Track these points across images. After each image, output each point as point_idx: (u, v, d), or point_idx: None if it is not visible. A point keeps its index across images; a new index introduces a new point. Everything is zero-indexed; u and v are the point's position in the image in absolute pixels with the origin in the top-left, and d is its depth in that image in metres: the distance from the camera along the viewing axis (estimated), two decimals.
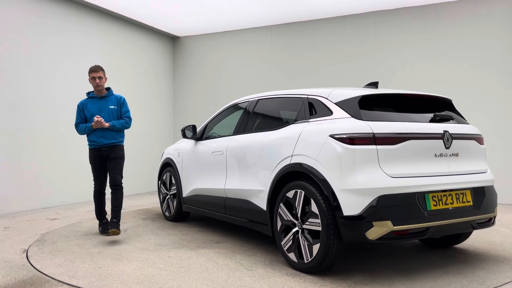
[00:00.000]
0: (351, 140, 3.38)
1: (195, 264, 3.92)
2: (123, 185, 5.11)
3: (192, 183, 5.53)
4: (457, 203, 3.59)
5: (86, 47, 8.16)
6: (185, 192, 5.69)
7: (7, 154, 6.78)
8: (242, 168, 4.55)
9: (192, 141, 5.70)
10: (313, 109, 3.93)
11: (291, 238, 3.76)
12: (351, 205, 3.30)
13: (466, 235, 4.38)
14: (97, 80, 4.99)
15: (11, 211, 6.80)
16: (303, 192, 3.63)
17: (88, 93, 5.16)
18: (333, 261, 3.49)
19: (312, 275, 3.56)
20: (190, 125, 5.65)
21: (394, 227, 3.25)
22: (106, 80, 5.09)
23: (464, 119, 4.19)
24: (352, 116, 3.55)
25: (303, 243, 3.63)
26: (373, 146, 3.35)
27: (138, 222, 6.00)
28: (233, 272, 3.66)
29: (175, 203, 5.97)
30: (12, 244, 4.70)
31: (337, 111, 3.68)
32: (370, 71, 8.64)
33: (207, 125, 5.60)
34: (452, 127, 3.73)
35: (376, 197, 3.26)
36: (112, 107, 5.10)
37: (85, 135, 5.15)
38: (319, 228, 3.46)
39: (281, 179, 3.92)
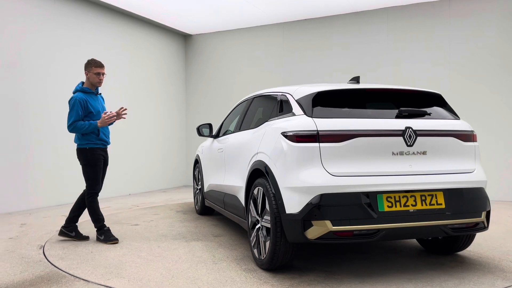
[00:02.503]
0: (296, 137, 3.34)
1: (173, 255, 4.16)
2: None
3: (209, 179, 5.80)
4: (423, 205, 3.32)
5: (98, 45, 8.22)
6: (205, 187, 5.98)
7: (22, 152, 6.89)
8: (233, 165, 4.69)
9: (211, 139, 5.97)
10: (282, 106, 3.93)
11: (255, 234, 3.81)
12: (293, 203, 3.26)
13: (464, 241, 3.96)
14: (101, 77, 4.59)
15: (27, 208, 6.94)
16: (262, 189, 3.67)
17: (82, 87, 4.63)
18: (284, 259, 3.48)
19: (267, 272, 3.59)
20: (206, 124, 5.90)
21: (333, 227, 3.14)
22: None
23: (455, 114, 3.82)
24: (305, 113, 3.49)
25: (261, 239, 3.67)
26: (316, 144, 3.26)
27: (170, 214, 6.43)
28: (196, 264, 3.84)
29: (200, 197, 6.30)
30: (29, 241, 4.80)
31: (296, 108, 3.64)
32: (383, 67, 8.69)
33: (223, 122, 5.81)
34: (418, 123, 3.44)
35: (315, 196, 3.18)
36: (104, 105, 4.85)
37: (79, 135, 4.64)
38: (270, 226, 3.48)
39: (251, 176, 3.99)
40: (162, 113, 10.05)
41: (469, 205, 3.47)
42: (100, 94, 4.87)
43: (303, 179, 3.25)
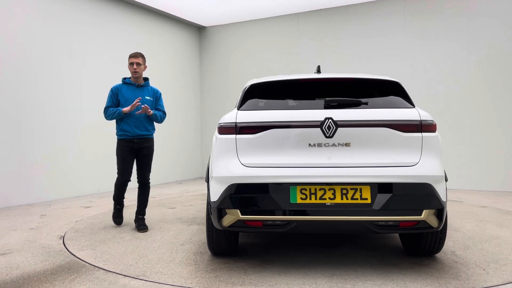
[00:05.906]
0: (221, 129, 3.49)
1: (158, 235, 4.62)
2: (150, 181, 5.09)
3: None
4: (343, 199, 3.18)
5: (114, 39, 8.34)
6: None
7: (42, 145, 7.05)
8: None
9: None
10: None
11: None
12: (214, 192, 3.43)
13: (429, 243, 3.59)
14: (135, 66, 4.83)
15: (46, 199, 7.11)
16: None
17: (124, 79, 4.97)
18: (220, 245, 3.67)
19: (212, 256, 3.82)
20: None
21: (242, 216, 3.23)
22: (145, 68, 4.93)
23: (410, 102, 3.48)
24: (237, 106, 3.61)
25: None
26: (233, 136, 3.38)
27: None
28: (165, 244, 4.23)
29: None
30: (49, 231, 4.91)
31: (239, 101, 3.77)
32: (398, 57, 8.42)
33: None
34: (341, 114, 3.26)
35: (228, 186, 3.30)
36: (148, 98, 4.94)
37: (114, 123, 4.94)
38: None
39: None
40: (177, 105, 10.09)
41: (404, 202, 3.18)
42: (147, 86, 5.00)
43: (220, 169, 3.40)
